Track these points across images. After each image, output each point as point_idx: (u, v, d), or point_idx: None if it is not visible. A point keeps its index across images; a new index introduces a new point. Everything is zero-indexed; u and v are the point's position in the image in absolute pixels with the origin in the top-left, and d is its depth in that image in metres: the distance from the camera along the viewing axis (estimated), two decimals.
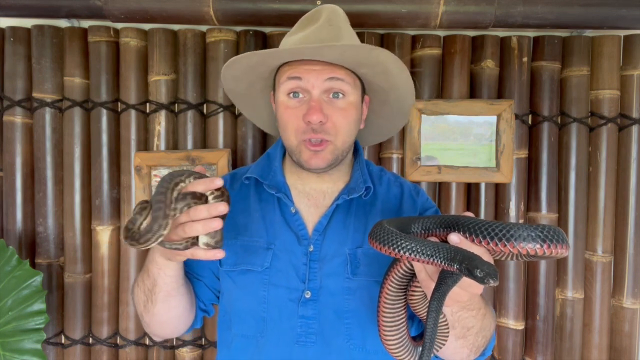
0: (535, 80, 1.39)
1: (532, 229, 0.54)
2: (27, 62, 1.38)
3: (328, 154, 0.82)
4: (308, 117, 0.78)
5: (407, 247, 0.57)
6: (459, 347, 0.74)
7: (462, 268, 0.52)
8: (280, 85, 0.83)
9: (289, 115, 0.82)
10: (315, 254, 0.83)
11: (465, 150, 1.39)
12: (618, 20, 1.25)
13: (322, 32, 0.81)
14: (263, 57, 0.81)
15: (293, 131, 0.82)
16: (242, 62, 0.83)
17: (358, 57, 0.79)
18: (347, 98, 0.82)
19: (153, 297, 0.80)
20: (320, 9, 0.87)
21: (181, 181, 0.69)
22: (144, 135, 1.40)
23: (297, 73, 0.80)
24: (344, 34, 0.83)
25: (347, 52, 0.77)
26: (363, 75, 0.86)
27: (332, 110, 0.80)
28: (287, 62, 0.83)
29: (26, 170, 1.40)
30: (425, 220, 0.65)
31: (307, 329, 0.82)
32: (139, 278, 0.85)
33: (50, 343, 1.42)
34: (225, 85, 0.93)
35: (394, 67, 0.83)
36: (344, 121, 0.82)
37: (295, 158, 0.84)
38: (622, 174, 1.39)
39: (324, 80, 0.80)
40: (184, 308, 0.86)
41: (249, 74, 0.87)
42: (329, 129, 0.80)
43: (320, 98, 0.80)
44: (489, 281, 0.50)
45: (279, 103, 0.83)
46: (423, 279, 0.61)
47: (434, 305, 0.56)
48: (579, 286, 1.40)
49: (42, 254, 1.41)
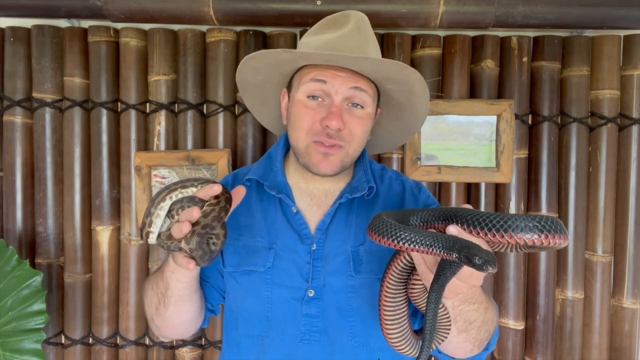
0: (535, 80, 1.39)
1: (530, 219, 0.54)
2: (27, 62, 1.38)
3: (338, 160, 0.82)
4: (327, 122, 0.77)
5: (406, 238, 0.57)
6: (462, 341, 0.74)
7: (461, 256, 0.52)
8: (301, 85, 0.82)
9: (304, 114, 0.81)
10: (318, 252, 0.83)
11: (465, 150, 1.39)
12: (618, 20, 1.26)
13: (351, 40, 0.81)
14: (294, 56, 0.81)
15: (305, 131, 0.81)
16: (269, 57, 0.82)
17: (390, 73, 0.79)
18: (366, 109, 0.82)
19: (166, 301, 0.81)
20: (348, 14, 0.86)
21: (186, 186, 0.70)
22: (144, 135, 1.40)
23: (322, 76, 0.79)
24: (371, 44, 0.83)
25: (380, 67, 0.78)
26: (388, 90, 0.86)
27: (350, 118, 0.80)
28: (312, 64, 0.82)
29: (26, 170, 1.40)
30: (424, 213, 0.66)
31: (311, 327, 0.82)
32: (152, 279, 0.85)
33: (50, 343, 1.42)
34: (241, 74, 0.91)
35: (419, 88, 0.84)
36: (360, 130, 0.82)
37: (302, 160, 0.84)
38: (622, 174, 1.39)
39: (348, 88, 0.79)
40: (195, 313, 0.87)
41: (272, 67, 0.86)
42: (345, 136, 0.80)
43: (341, 105, 0.80)
44: (487, 268, 0.50)
45: (296, 101, 0.82)
46: (423, 271, 0.61)
47: (433, 296, 0.56)
48: (579, 286, 1.40)
49: (42, 254, 1.41)
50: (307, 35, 0.89)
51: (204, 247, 0.66)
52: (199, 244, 0.65)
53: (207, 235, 0.66)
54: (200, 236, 0.65)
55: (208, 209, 0.66)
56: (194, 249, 0.65)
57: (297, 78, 0.84)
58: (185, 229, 0.64)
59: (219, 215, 0.66)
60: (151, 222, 0.69)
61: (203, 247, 0.66)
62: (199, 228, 0.65)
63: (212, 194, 0.67)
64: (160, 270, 0.82)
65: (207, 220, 0.65)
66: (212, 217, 0.65)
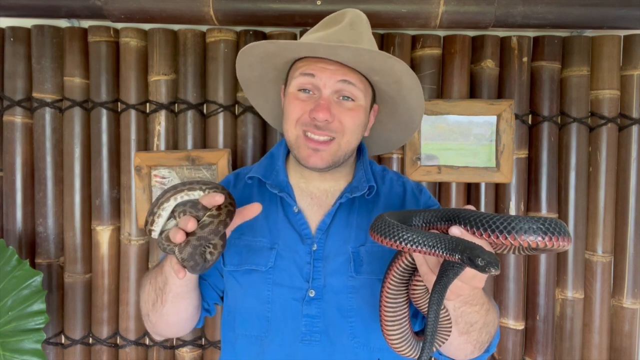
0: (535, 80, 1.39)
1: (533, 221, 0.54)
2: (27, 62, 1.38)
3: (328, 154, 0.82)
4: (314, 114, 0.78)
5: (408, 239, 0.57)
6: (463, 343, 0.74)
7: (464, 258, 0.52)
8: (292, 79, 0.84)
9: (294, 105, 0.82)
10: (318, 252, 0.83)
11: (465, 150, 1.39)
12: (618, 20, 1.25)
13: (342, 34, 0.82)
14: (279, 47, 0.82)
15: (294, 121, 0.82)
16: (259, 48, 0.84)
17: (372, 62, 0.79)
18: (357, 102, 0.83)
19: (163, 297, 0.80)
20: (345, 12, 0.87)
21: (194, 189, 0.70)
22: (144, 135, 1.40)
23: (310, 70, 0.80)
24: (365, 39, 0.84)
25: (361, 56, 0.77)
26: (375, 83, 0.86)
27: (339, 110, 0.81)
28: (303, 58, 0.83)
29: (26, 170, 1.40)
30: (426, 213, 0.65)
31: (311, 327, 0.82)
32: (151, 274, 0.84)
33: (50, 343, 1.42)
34: (239, 71, 0.93)
35: (407, 79, 0.83)
36: (350, 121, 0.82)
37: (294, 153, 0.85)
38: (622, 174, 1.39)
39: (336, 81, 0.80)
40: (191, 311, 0.86)
41: (264, 61, 0.88)
42: (335, 128, 0.81)
43: (330, 98, 0.80)
44: (490, 270, 0.49)
45: (289, 95, 0.84)
46: (425, 272, 0.61)
47: (435, 298, 0.56)
48: (579, 286, 1.40)
49: (42, 254, 1.41)
50: (307, 33, 0.90)
51: (196, 259, 0.65)
52: (191, 255, 0.65)
53: (201, 247, 0.65)
54: (194, 247, 0.64)
55: (207, 220, 0.65)
56: (186, 259, 0.65)
57: (291, 73, 0.86)
58: (179, 238, 0.63)
59: (217, 229, 0.64)
60: (153, 221, 0.69)
61: (195, 258, 0.65)
62: (194, 239, 0.64)
63: (213, 204, 0.66)
64: (160, 266, 0.81)
65: (203, 232, 0.64)
66: (209, 230, 0.64)
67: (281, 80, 0.93)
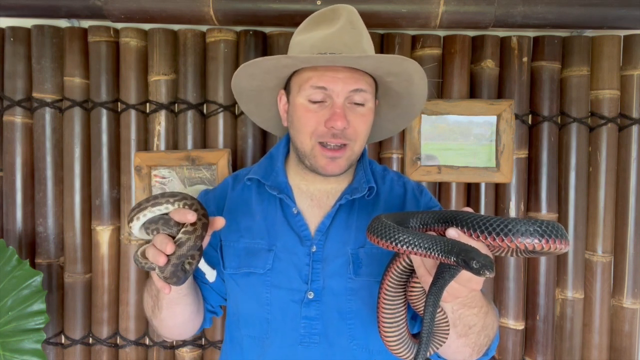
0: (535, 80, 1.39)
1: (531, 223, 0.54)
2: (27, 62, 1.38)
3: (344, 160, 0.82)
4: (332, 123, 0.78)
5: (404, 241, 0.57)
6: (461, 346, 0.74)
7: (459, 260, 0.52)
8: (301, 90, 0.82)
9: (308, 118, 0.81)
10: (318, 254, 0.83)
11: (465, 150, 1.39)
12: (618, 20, 1.25)
13: (346, 36, 0.81)
14: (295, 62, 0.81)
15: (309, 133, 0.81)
16: (268, 63, 0.82)
17: (391, 67, 0.80)
18: (367, 105, 0.83)
19: (158, 303, 0.82)
20: (335, 9, 0.86)
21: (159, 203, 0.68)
22: (144, 135, 1.40)
23: (322, 82, 0.79)
24: (364, 38, 0.84)
25: (382, 63, 0.78)
26: (387, 82, 0.86)
27: (353, 116, 0.81)
28: None
29: (26, 170, 1.40)
30: (424, 215, 0.65)
31: (310, 329, 0.82)
32: (149, 282, 0.86)
33: (50, 343, 1.42)
34: (236, 81, 0.90)
35: (417, 77, 0.84)
36: (363, 127, 0.82)
37: (308, 162, 0.84)
38: (622, 174, 1.39)
39: (349, 91, 0.80)
40: (189, 315, 0.86)
41: (270, 73, 0.86)
42: (350, 135, 0.81)
43: (344, 104, 0.80)
44: (484, 272, 0.49)
45: (298, 105, 0.82)
46: (422, 274, 0.61)
47: (431, 300, 0.56)
48: (579, 286, 1.40)
49: (42, 254, 1.41)
50: (297, 33, 0.88)
51: (178, 275, 0.66)
52: (174, 273, 0.66)
53: (181, 263, 0.66)
54: (175, 266, 0.65)
55: (183, 237, 0.65)
56: (168, 277, 0.66)
57: (296, 81, 0.84)
58: (161, 261, 0.63)
59: (194, 245, 0.65)
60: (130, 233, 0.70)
61: (177, 274, 0.66)
62: (174, 258, 0.64)
63: (187, 221, 0.65)
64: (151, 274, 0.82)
65: (182, 250, 0.64)
66: (188, 247, 0.64)
67: (280, 86, 0.91)
